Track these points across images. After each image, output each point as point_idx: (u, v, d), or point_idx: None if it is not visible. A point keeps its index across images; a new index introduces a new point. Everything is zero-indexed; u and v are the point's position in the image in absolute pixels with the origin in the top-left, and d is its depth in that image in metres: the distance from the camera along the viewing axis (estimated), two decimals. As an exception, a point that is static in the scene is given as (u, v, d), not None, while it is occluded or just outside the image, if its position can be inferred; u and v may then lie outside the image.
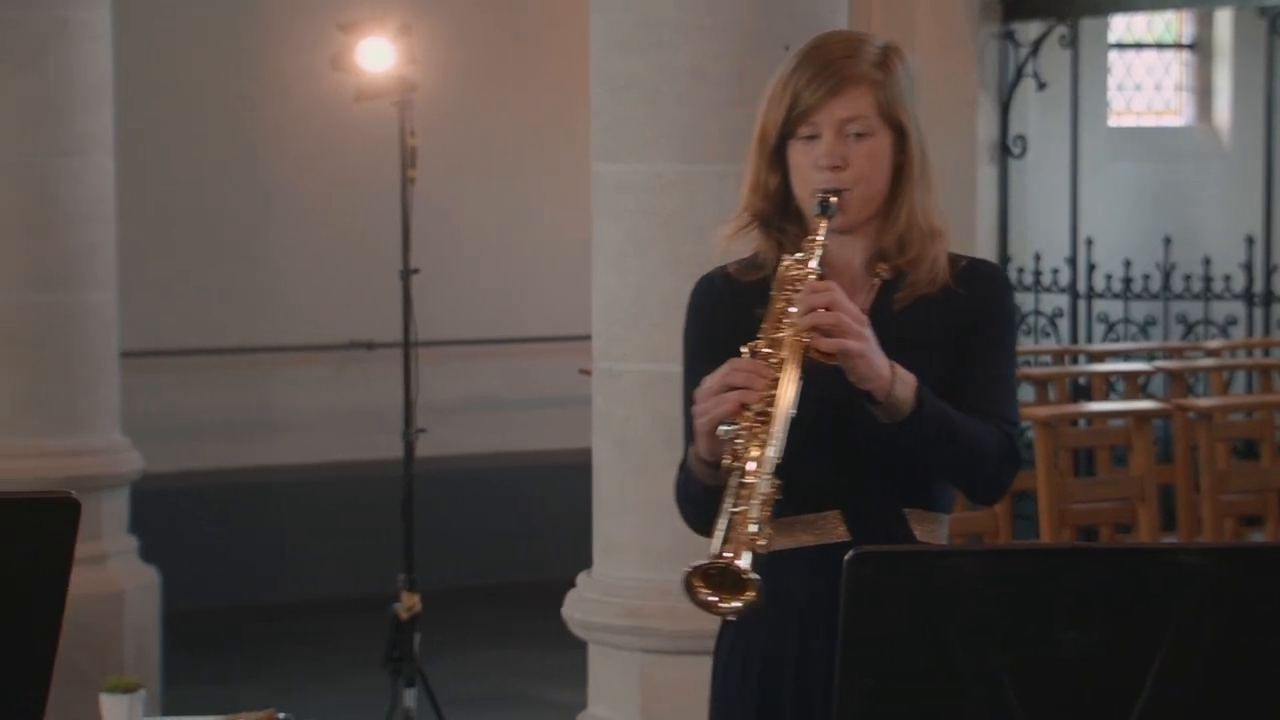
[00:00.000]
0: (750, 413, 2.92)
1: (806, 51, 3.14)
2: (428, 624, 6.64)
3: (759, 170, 3.15)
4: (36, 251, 6.78)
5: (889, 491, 3.11)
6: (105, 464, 6.97)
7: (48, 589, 2.41)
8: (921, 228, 3.12)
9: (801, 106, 3.08)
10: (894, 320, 3.10)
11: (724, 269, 3.23)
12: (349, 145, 9.06)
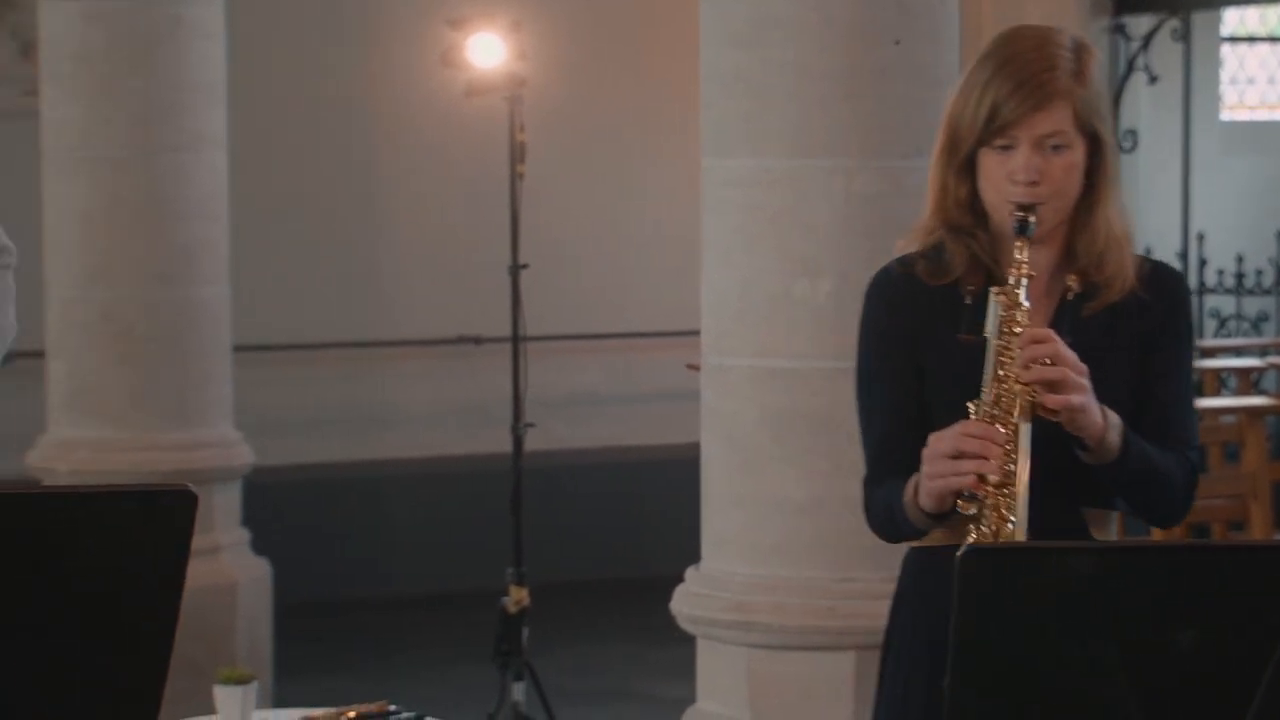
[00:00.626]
0: (989, 485, 2.90)
1: (1002, 57, 3.06)
2: (536, 618, 6.65)
3: (946, 178, 3.09)
4: (150, 247, 6.84)
5: (1066, 490, 3.07)
6: (217, 457, 7.03)
7: (166, 581, 2.43)
8: (1117, 236, 3.08)
9: (1000, 120, 3.02)
10: (1083, 327, 3.06)
11: (907, 266, 3.17)
12: (459, 141, 9.09)
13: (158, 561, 2.41)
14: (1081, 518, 3.09)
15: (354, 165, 9.32)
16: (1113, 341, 3.06)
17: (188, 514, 2.43)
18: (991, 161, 3.03)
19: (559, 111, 9.01)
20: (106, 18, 6.74)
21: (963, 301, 3.06)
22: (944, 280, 3.11)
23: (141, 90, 6.77)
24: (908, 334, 3.10)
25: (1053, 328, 3.03)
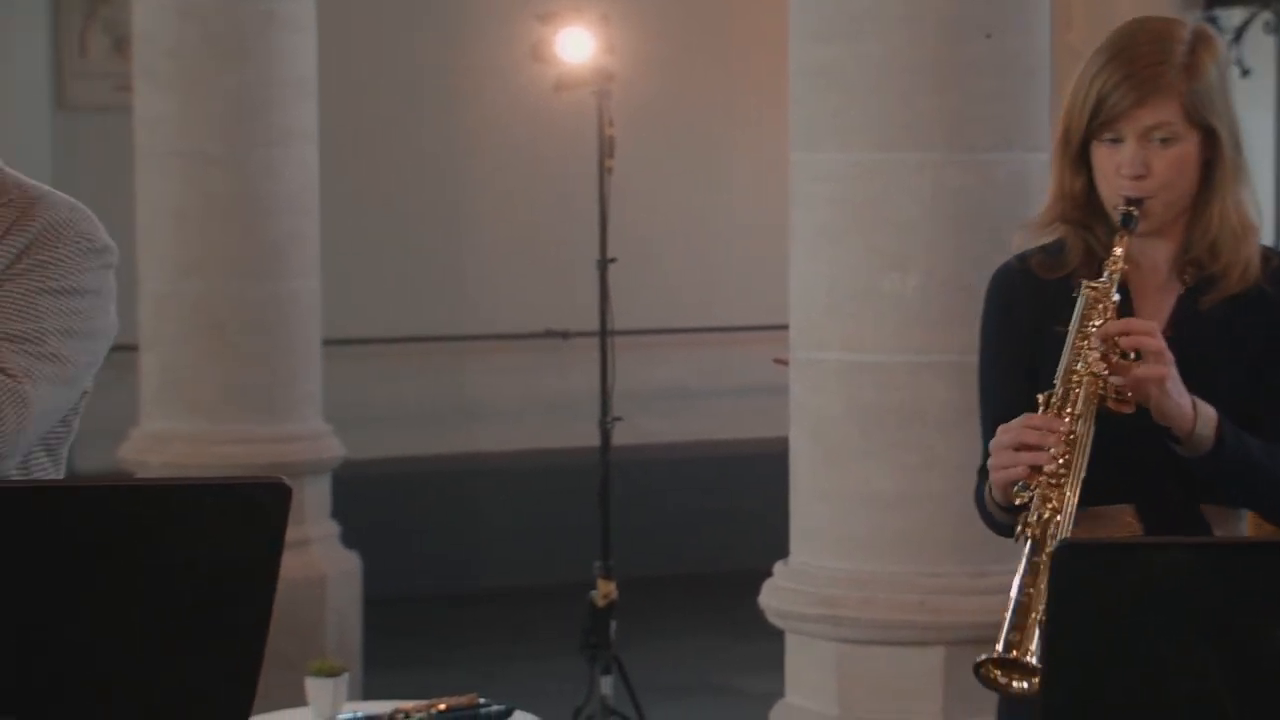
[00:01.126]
0: (1043, 476, 2.90)
1: (1115, 48, 3.05)
2: (624, 611, 6.66)
3: (1063, 172, 3.08)
4: (242, 242, 6.89)
5: (1186, 487, 3.04)
6: (307, 450, 7.07)
7: (260, 573, 2.45)
8: (1234, 228, 3.04)
9: (1105, 114, 3.01)
10: (1200, 321, 3.04)
11: (1025, 261, 3.15)
12: (548, 135, 9.11)
13: (253, 553, 2.43)
14: (1201, 515, 3.06)
15: (443, 160, 9.36)
16: (1230, 334, 3.03)
17: (282, 507, 2.45)
18: (1102, 155, 3.03)
19: (648, 106, 9.01)
20: (199, 13, 6.79)
21: (1073, 296, 3.05)
22: (1058, 274, 3.10)
23: (233, 85, 6.81)
24: (1021, 329, 3.10)
25: (1170, 321, 3.01)
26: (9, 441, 2.74)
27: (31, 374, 2.77)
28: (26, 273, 2.82)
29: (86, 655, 2.37)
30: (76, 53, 8.84)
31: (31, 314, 2.80)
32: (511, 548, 9.23)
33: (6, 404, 2.74)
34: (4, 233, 2.85)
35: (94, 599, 2.35)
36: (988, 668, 2.83)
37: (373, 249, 9.19)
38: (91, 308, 2.86)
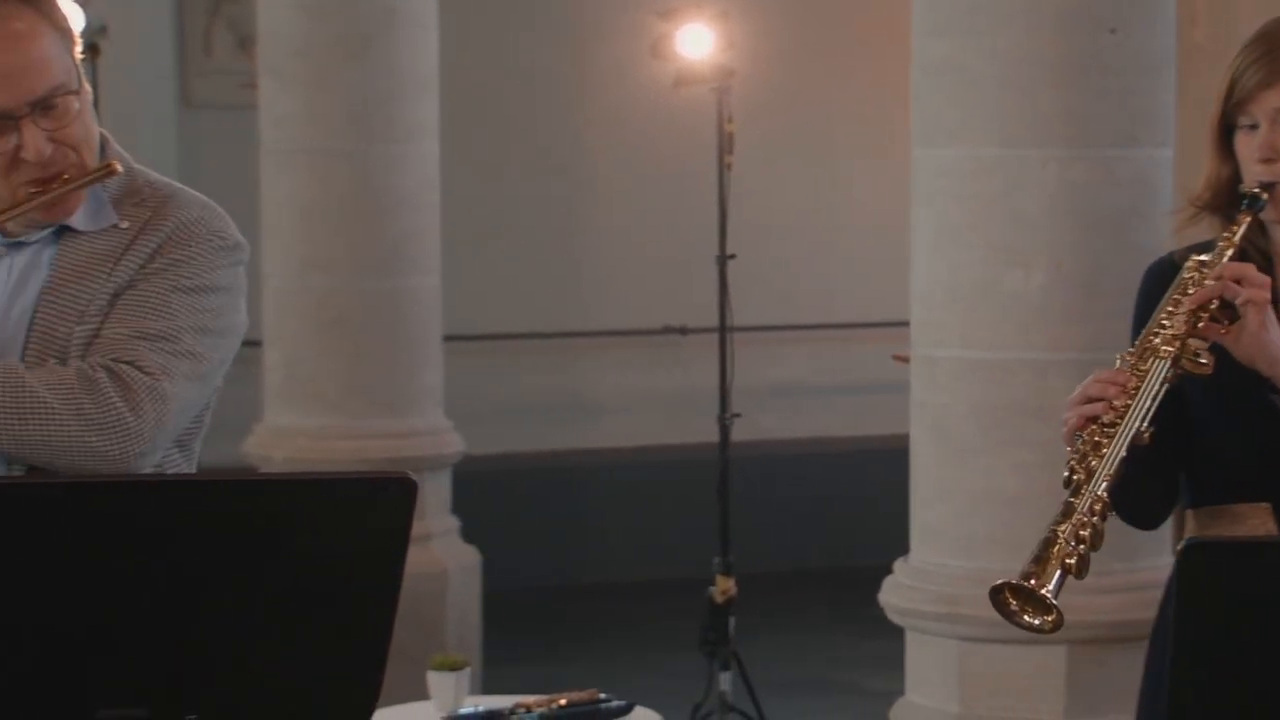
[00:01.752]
0: (1095, 425, 2.89)
1: (1257, 34, 3.04)
2: (743, 608, 6.66)
3: (1211, 159, 3.06)
4: (364, 237, 6.93)
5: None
6: (428, 446, 7.10)
7: (386, 567, 2.48)
8: None
9: (1237, 95, 2.99)
10: None
11: (1173, 256, 3.13)
12: (667, 132, 9.12)
13: (379, 547, 2.46)
14: None
15: (563, 156, 9.39)
16: None
17: (408, 502, 2.47)
18: (1241, 142, 3.01)
19: (767, 102, 9.00)
20: (323, 11, 6.84)
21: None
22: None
23: (356, 82, 6.86)
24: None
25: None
26: (148, 438, 2.78)
27: (169, 371, 2.80)
28: (160, 271, 2.86)
29: (217, 647, 2.40)
30: (201, 51, 8.92)
31: (166, 312, 2.83)
32: (630, 543, 9.24)
33: (145, 401, 2.77)
34: (138, 233, 2.89)
35: (224, 592, 2.38)
36: (1004, 594, 2.82)
37: (493, 245, 9.23)
38: (224, 305, 2.90)
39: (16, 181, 2.85)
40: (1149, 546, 4.75)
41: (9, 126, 2.82)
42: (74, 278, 2.87)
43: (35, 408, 2.74)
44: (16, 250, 2.91)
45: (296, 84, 6.88)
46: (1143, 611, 4.79)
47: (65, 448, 2.74)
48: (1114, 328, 3.51)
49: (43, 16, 2.84)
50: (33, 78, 2.81)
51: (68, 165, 2.86)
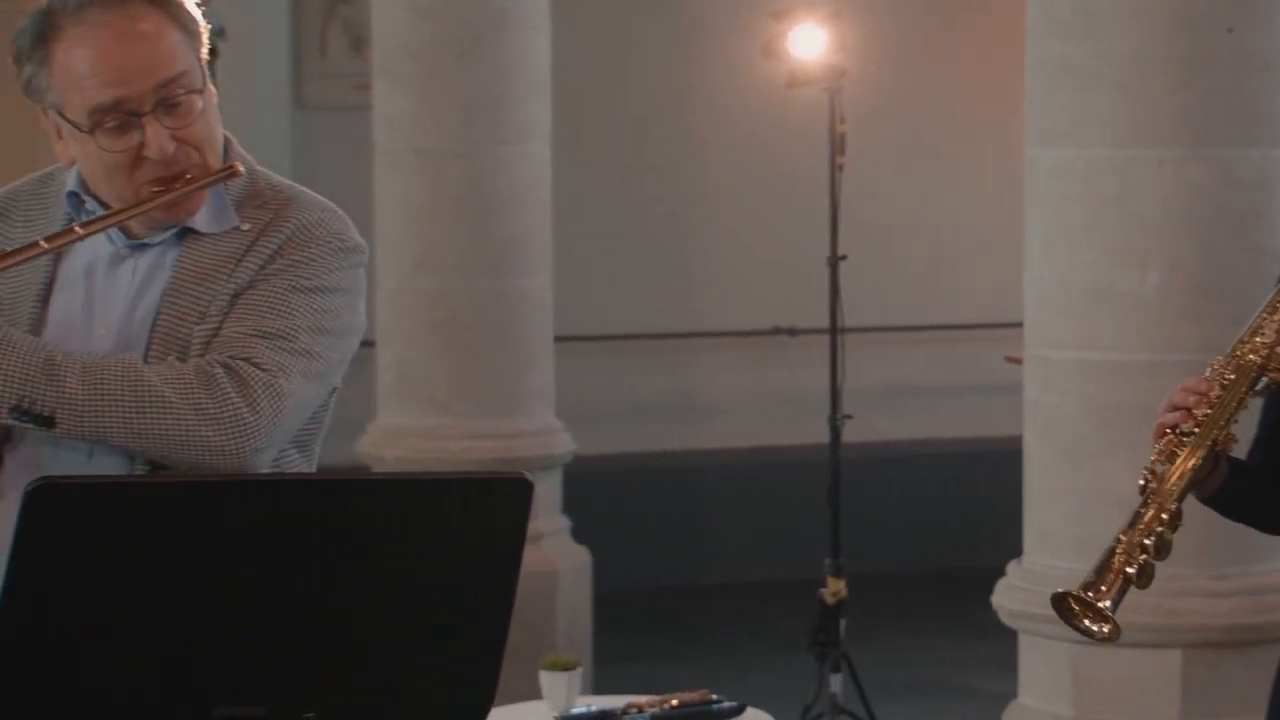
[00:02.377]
0: (1174, 434, 2.88)
1: None
2: (854, 609, 6.64)
3: None
4: (475, 238, 6.96)
5: None
6: (539, 446, 7.12)
7: (502, 567, 2.49)
8: None
9: None
10: None
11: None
12: (778, 132, 9.11)
13: (496, 546, 2.48)
14: None
15: (673, 157, 9.39)
16: None
17: (524, 501, 2.49)
18: None
19: (880, 102, 8.98)
20: (436, 12, 6.87)
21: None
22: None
23: (468, 83, 6.88)
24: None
25: None
26: (264, 434, 2.79)
27: (285, 369, 2.81)
28: (280, 272, 2.87)
29: (334, 646, 2.42)
30: (316, 53, 8.98)
31: (284, 311, 2.85)
32: (740, 544, 9.24)
33: (262, 397, 2.79)
34: (259, 234, 2.91)
35: (342, 591, 2.40)
36: (1067, 600, 2.82)
37: (603, 246, 9.24)
38: (342, 306, 2.91)
39: (140, 180, 2.87)
40: (1268, 551, 4.71)
41: (133, 124, 2.84)
42: (195, 279, 2.89)
43: (154, 401, 2.75)
44: (140, 252, 2.94)
45: (409, 85, 6.92)
46: (1260, 615, 4.76)
47: (182, 442, 2.76)
48: (1229, 328, 3.48)
49: (169, 17, 2.87)
50: (156, 74, 2.83)
51: (190, 165, 2.89)
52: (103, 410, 2.75)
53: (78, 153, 2.91)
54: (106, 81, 2.82)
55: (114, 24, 2.82)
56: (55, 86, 2.86)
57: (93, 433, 2.76)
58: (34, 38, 2.87)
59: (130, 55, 2.82)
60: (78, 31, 2.83)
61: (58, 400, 2.75)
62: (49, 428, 2.76)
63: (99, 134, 2.84)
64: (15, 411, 2.74)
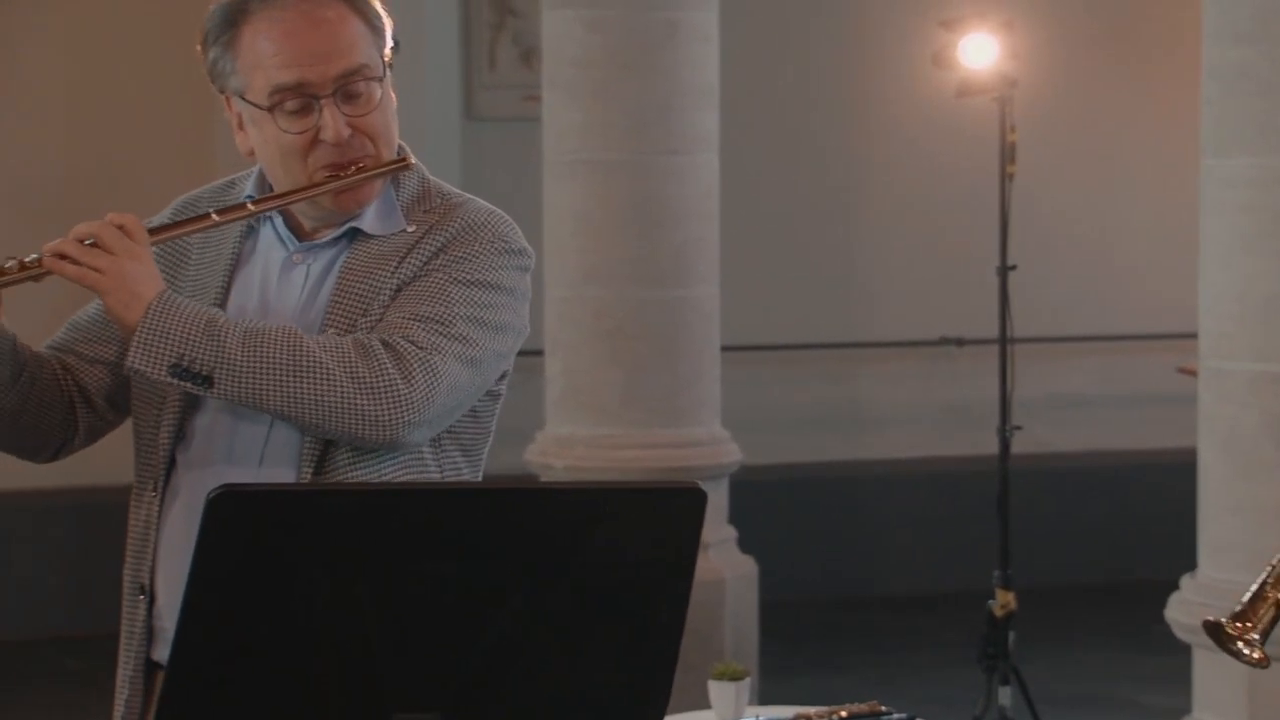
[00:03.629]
0: None
1: None
2: (1023, 621, 6.59)
3: None
4: (644, 247, 6.97)
5: None
6: (706, 455, 7.11)
7: (675, 577, 2.50)
8: None
9: None
10: None
11: None
12: (947, 142, 9.06)
13: (669, 556, 2.48)
14: None
15: (842, 166, 9.37)
16: None
17: (698, 512, 2.49)
18: None
19: (1050, 110, 8.91)
20: (605, 24, 6.89)
21: None
22: None
23: (637, 94, 6.90)
24: None
25: None
26: (418, 408, 2.82)
27: (440, 349, 2.85)
28: (441, 267, 2.91)
29: (511, 653, 2.43)
30: (486, 65, 9.05)
31: (443, 300, 2.89)
32: (907, 555, 9.20)
33: (417, 371, 2.82)
34: (424, 234, 2.95)
35: (518, 599, 2.41)
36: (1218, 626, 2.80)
37: (771, 255, 9.24)
38: (502, 303, 2.93)
39: (314, 165, 2.93)
40: None
41: (312, 107, 2.90)
42: (360, 277, 2.94)
43: (311, 367, 2.79)
44: (312, 256, 2.99)
45: (578, 96, 6.95)
46: None
47: (337, 407, 2.79)
48: None
49: (355, 11, 2.93)
50: (338, 61, 2.89)
51: (364, 155, 2.94)
52: (261, 372, 2.79)
53: (256, 139, 2.96)
54: (289, 62, 2.88)
55: (302, 8, 2.89)
56: (240, 70, 2.93)
57: (250, 395, 2.80)
58: (223, 22, 2.94)
59: (314, 39, 2.88)
60: (266, 15, 2.90)
61: (217, 360, 2.79)
62: (207, 388, 2.80)
63: (278, 114, 2.90)
64: (175, 369, 2.79)
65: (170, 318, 2.80)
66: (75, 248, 2.83)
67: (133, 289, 2.81)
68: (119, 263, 2.81)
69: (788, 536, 8.77)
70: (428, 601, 2.38)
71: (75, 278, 2.82)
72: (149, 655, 2.98)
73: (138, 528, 2.98)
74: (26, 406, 2.97)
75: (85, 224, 2.86)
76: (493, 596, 2.40)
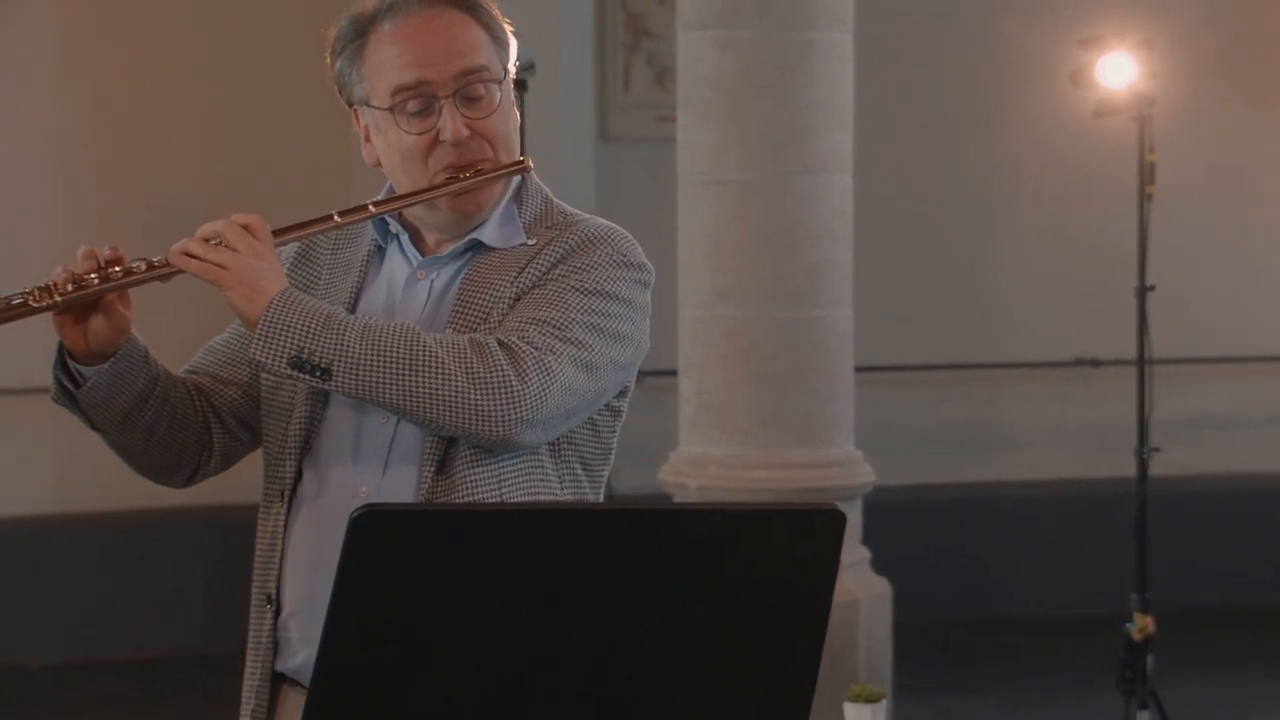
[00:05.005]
0: None
1: None
2: (1162, 646, 6.53)
3: None
4: (779, 267, 6.96)
5: None
6: (840, 476, 7.08)
7: (814, 599, 2.49)
8: None
9: None
10: None
11: None
12: (1084, 162, 9.00)
13: (809, 577, 2.47)
14: None
15: (976, 186, 9.32)
16: None
17: (836, 533, 2.48)
18: None
19: (1190, 130, 8.83)
20: (740, 44, 6.89)
21: None
22: None
23: (772, 114, 6.89)
24: None
25: None
26: (531, 407, 2.85)
27: (554, 350, 2.88)
28: (560, 276, 2.96)
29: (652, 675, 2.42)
30: (620, 86, 9.07)
31: (559, 305, 2.92)
32: (1043, 577, 9.12)
33: (532, 370, 2.85)
34: (544, 246, 2.99)
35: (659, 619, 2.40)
36: None
37: (905, 275, 9.20)
38: (619, 313, 2.96)
39: (434, 167, 2.98)
40: None
41: (432, 109, 2.95)
42: (481, 287, 2.98)
43: (428, 361, 2.83)
44: (435, 270, 3.03)
45: (713, 116, 6.94)
46: None
47: (451, 402, 2.82)
48: None
49: (476, 20, 3.00)
50: (456, 61, 2.95)
51: (483, 158, 2.98)
52: (378, 366, 2.82)
53: (380, 146, 3.02)
54: (410, 63, 2.94)
55: (424, 15, 2.96)
56: (364, 77, 2.99)
57: (367, 388, 2.83)
58: (351, 33, 3.01)
59: (434, 41, 2.95)
60: (391, 24, 2.97)
61: (336, 352, 2.83)
62: (326, 380, 2.84)
63: (398, 115, 2.95)
64: (294, 361, 2.83)
65: (292, 311, 2.84)
66: (201, 246, 2.89)
67: (256, 284, 2.85)
68: (243, 259, 2.86)
69: (922, 557, 8.72)
70: (567, 622, 2.38)
71: (199, 273, 2.87)
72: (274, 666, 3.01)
73: (265, 539, 3.03)
74: (160, 421, 3.02)
75: (211, 223, 2.92)
76: (632, 617, 2.40)
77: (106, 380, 2.95)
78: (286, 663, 3.00)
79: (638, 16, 9.03)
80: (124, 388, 2.97)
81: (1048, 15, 9.04)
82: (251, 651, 3.04)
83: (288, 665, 3.00)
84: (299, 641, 2.98)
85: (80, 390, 2.96)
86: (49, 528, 8.37)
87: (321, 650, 2.37)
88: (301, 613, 2.97)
